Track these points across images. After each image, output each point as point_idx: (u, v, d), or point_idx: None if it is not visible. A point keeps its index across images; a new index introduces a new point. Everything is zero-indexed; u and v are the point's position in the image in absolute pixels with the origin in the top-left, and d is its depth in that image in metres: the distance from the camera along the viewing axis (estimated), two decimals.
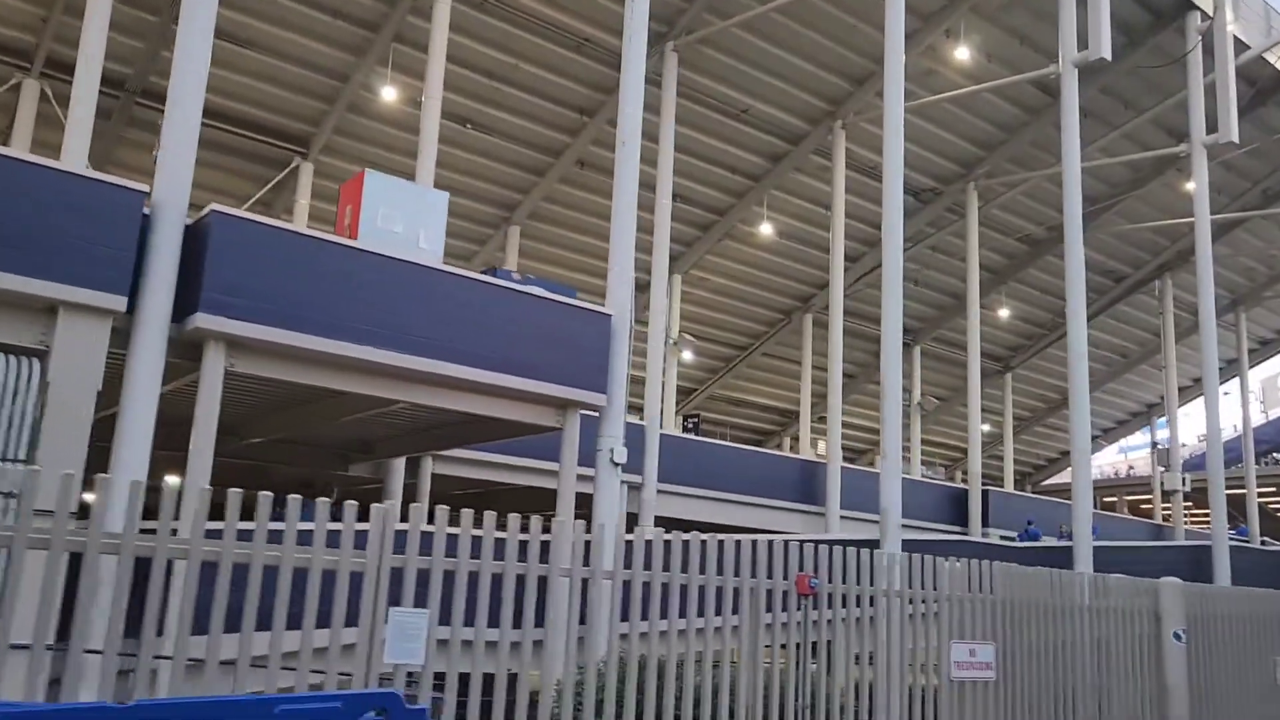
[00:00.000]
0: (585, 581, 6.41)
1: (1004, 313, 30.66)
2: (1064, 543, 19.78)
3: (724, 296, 28.28)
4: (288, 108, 20.23)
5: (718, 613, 6.90)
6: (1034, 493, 36.87)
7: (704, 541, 6.89)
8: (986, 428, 36.89)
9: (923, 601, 7.96)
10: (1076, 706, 8.94)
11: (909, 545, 12.74)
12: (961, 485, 25.87)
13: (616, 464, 11.57)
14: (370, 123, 20.57)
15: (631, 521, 17.29)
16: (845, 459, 32.68)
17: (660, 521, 16.90)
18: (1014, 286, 30.27)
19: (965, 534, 24.41)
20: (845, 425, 35.18)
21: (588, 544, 6.45)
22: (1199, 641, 10.41)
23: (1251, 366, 35.30)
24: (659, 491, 18.90)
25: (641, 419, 25.67)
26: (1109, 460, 52.02)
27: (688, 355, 28.45)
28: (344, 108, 20.17)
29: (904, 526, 22.57)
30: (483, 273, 12.04)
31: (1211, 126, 21.18)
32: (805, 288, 28.46)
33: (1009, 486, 33.48)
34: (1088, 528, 17.56)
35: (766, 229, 25.16)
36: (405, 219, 10.45)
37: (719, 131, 23.01)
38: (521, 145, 22.18)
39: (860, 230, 26.43)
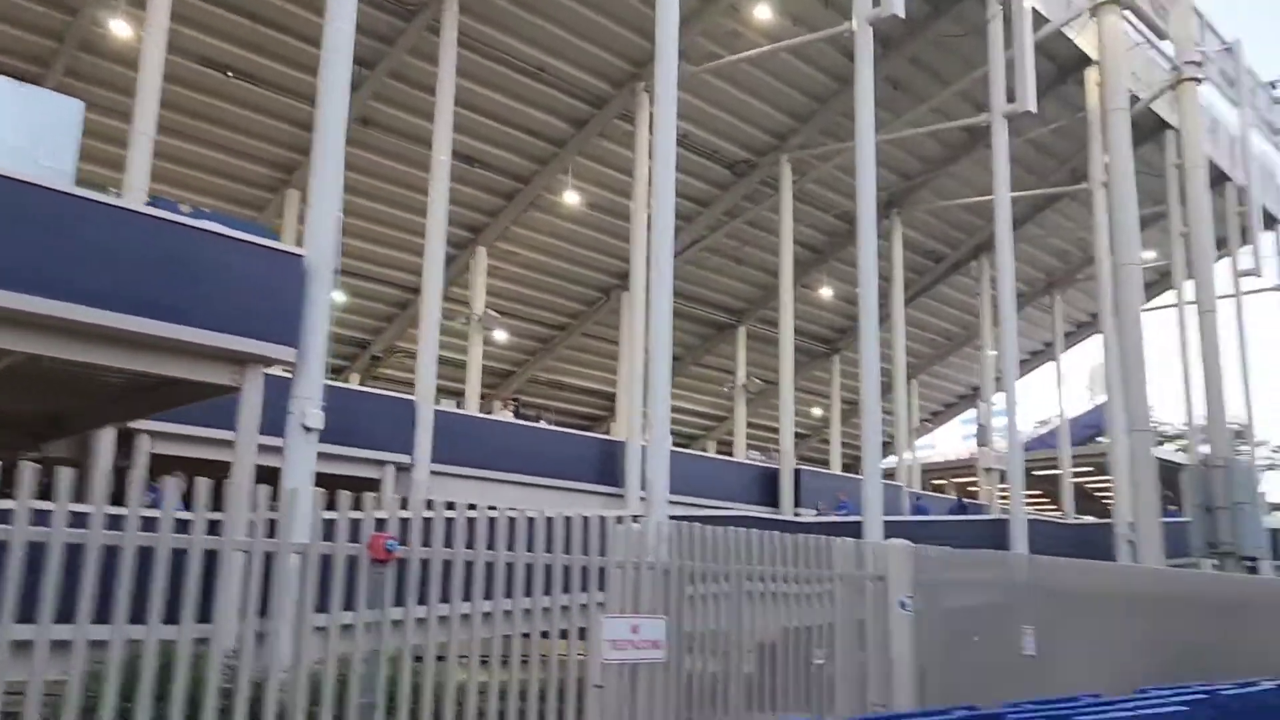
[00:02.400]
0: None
1: (826, 292, 30.28)
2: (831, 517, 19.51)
3: (536, 272, 26.93)
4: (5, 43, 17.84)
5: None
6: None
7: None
8: (818, 411, 36.75)
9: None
10: (786, 684, 7.95)
11: (708, 522, 11.72)
12: (774, 465, 25.20)
13: (310, 429, 10.02)
14: (102, 62, 18.30)
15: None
16: (676, 444, 32.01)
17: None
18: (836, 266, 29.87)
19: (776, 513, 23.75)
20: (676, 409, 34.55)
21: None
22: (940, 609, 9.65)
23: (1067, 349, 36.08)
24: (437, 474, 17.42)
25: (459, 404, 24.26)
26: (952, 443, 53.01)
27: (501, 335, 27.02)
28: (75, 45, 17.91)
29: (712, 506, 21.95)
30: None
31: (1013, 99, 21.02)
32: (621, 263, 27.31)
33: (836, 470, 33.26)
34: (876, 503, 16.92)
35: (574, 199, 23.93)
36: (19, 128, 8.65)
37: (517, 91, 21.64)
38: (297, 99, 20.25)
39: (678, 205, 25.48)
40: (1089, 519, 31.95)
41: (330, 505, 5.86)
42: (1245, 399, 29.93)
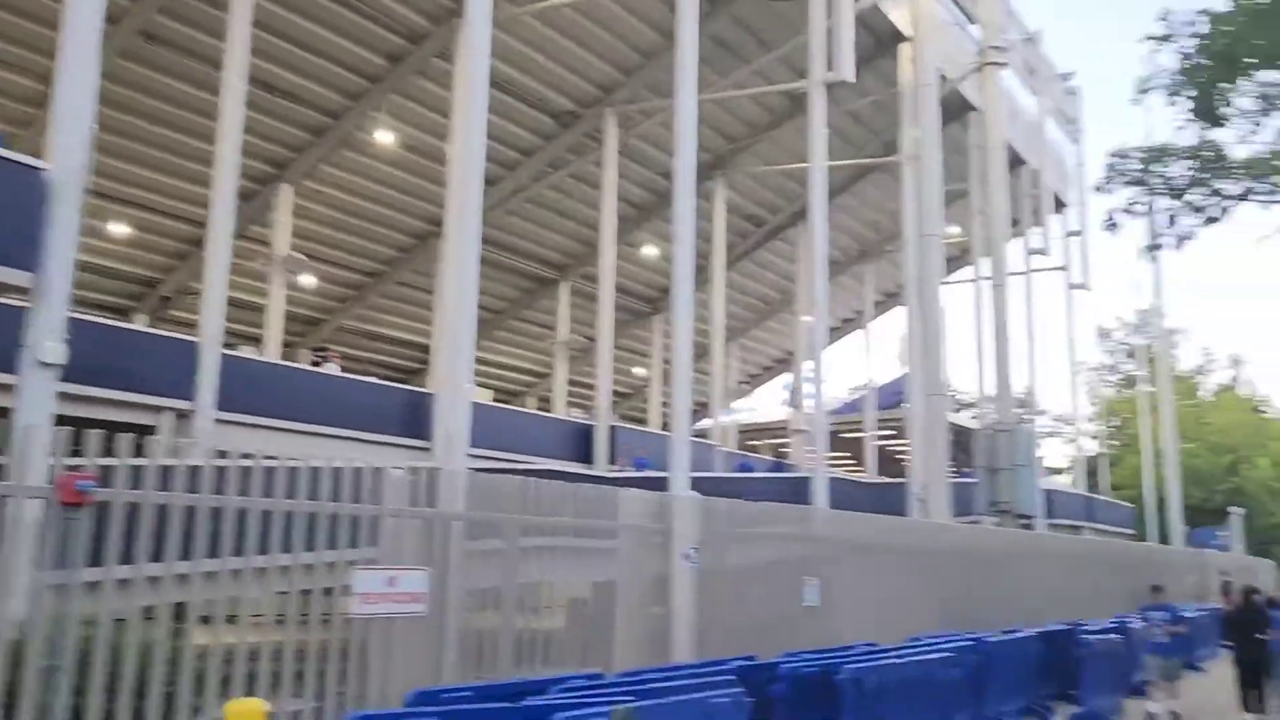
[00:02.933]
0: None
1: (651, 251, 30.29)
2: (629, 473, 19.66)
3: (347, 214, 25.63)
4: None
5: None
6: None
7: None
8: (641, 371, 36.94)
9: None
10: (550, 640, 7.74)
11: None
12: (589, 422, 25.11)
13: (48, 364, 8.98)
14: None
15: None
16: (498, 400, 31.42)
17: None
18: (661, 225, 29.83)
19: (590, 469, 23.66)
20: (496, 365, 33.95)
21: None
22: (728, 562, 9.69)
23: (877, 318, 37.60)
24: (225, 422, 16.27)
25: (258, 350, 22.79)
26: (772, 406, 54.54)
27: (309, 280, 25.61)
28: None
29: (524, 462, 21.59)
30: None
31: (832, 68, 21.36)
32: (437, 209, 26.32)
33: (656, 428, 33.56)
34: (682, 458, 16.95)
35: (388, 139, 22.82)
36: None
37: (327, 19, 20.31)
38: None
39: (497, 151, 24.72)
40: (888, 479, 33.48)
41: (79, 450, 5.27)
42: (1030, 370, 32.05)
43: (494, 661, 7.14)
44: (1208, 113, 9.39)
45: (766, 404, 52.58)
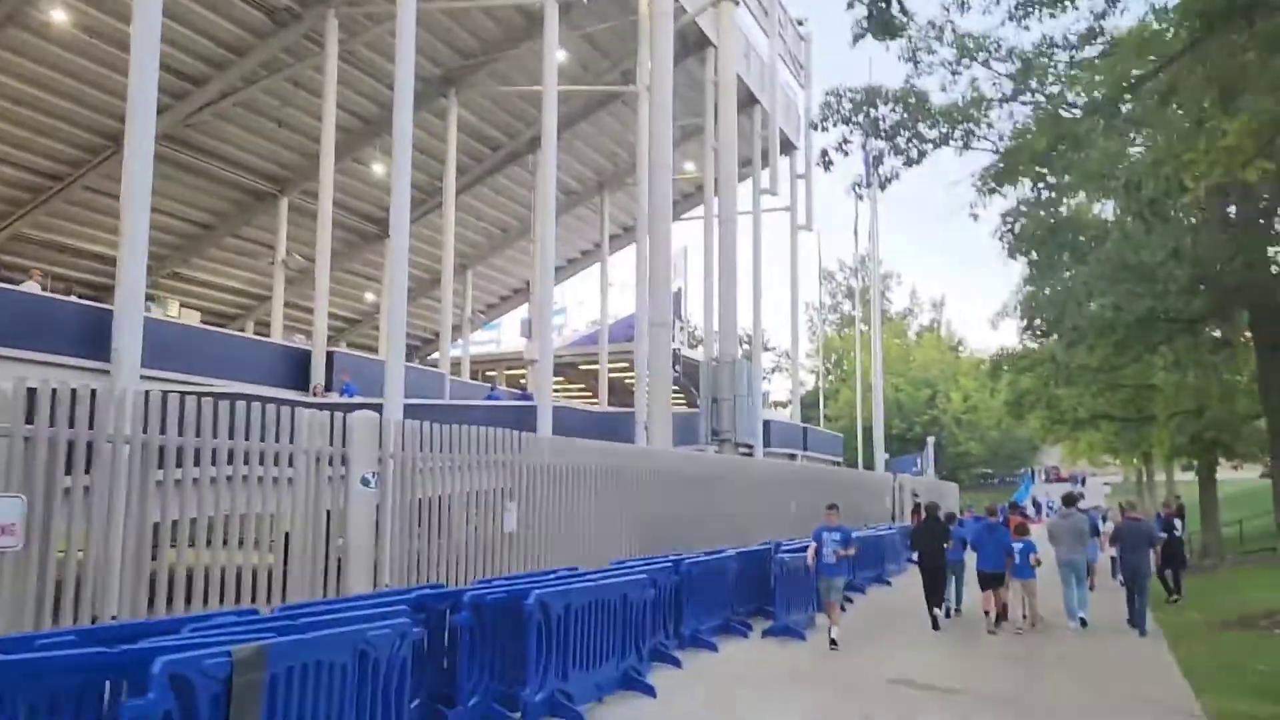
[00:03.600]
0: None
1: (380, 169, 28.67)
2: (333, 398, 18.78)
3: (21, 106, 22.31)
4: None
5: None
6: (422, 364, 36.28)
7: None
8: (371, 296, 35.28)
9: None
10: (211, 576, 6.95)
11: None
12: (306, 347, 23.57)
13: None
14: None
15: None
16: (210, 323, 28.84)
17: None
18: (391, 141, 28.29)
19: (305, 396, 22.21)
20: (209, 285, 31.21)
21: None
22: (418, 486, 9.15)
23: (614, 251, 37.85)
24: None
25: None
26: (513, 336, 53.92)
27: None
28: None
29: (234, 387, 19.88)
30: None
31: None
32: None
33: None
34: (396, 384, 16.14)
35: (62, 18, 19.92)
36: None
37: None
38: None
39: (202, 46, 22.30)
40: (620, 410, 34.08)
41: None
42: (755, 306, 33.40)
43: (125, 601, 6.28)
44: (885, 25, 9.71)
45: (508, 334, 52.27)
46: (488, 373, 41.74)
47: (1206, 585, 20.23)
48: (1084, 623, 14.31)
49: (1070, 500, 16.27)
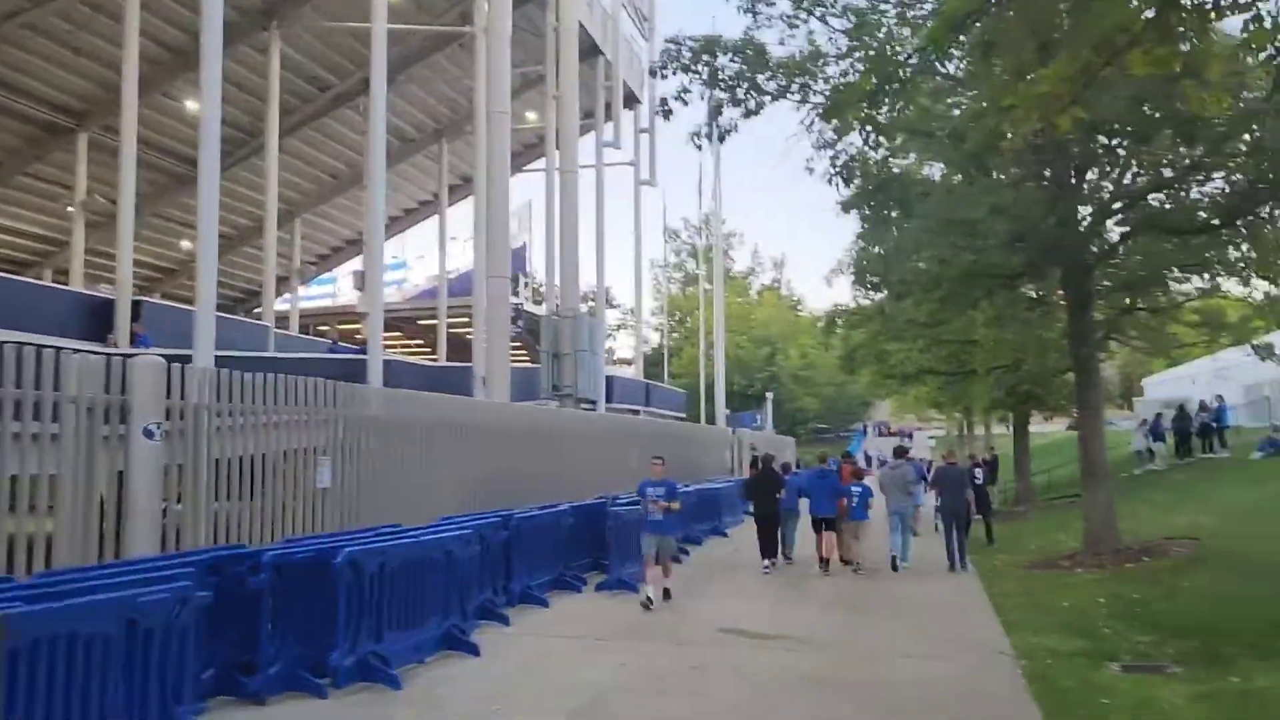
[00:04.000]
0: None
1: (195, 105, 26.56)
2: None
3: None
4: None
5: None
6: (246, 317, 34.27)
7: None
8: (188, 244, 32.97)
9: None
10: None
11: None
12: (109, 295, 21.72)
13: None
14: None
15: None
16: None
17: None
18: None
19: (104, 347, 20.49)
20: None
21: None
22: (217, 437, 8.39)
23: (454, 202, 36.68)
24: None
25: None
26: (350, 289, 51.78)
27: None
28: None
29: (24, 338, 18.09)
30: None
31: None
32: None
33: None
34: (207, 335, 14.99)
35: None
36: None
37: None
38: None
39: None
40: (458, 364, 33.22)
41: None
42: (599, 261, 33.08)
43: None
44: None
45: (345, 287, 50.25)
46: (319, 327, 39.97)
47: (1018, 530, 21.45)
48: (895, 565, 14.98)
49: (900, 452, 17.07)
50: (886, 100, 11.03)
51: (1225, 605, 10.37)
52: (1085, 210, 15.08)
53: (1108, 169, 15.62)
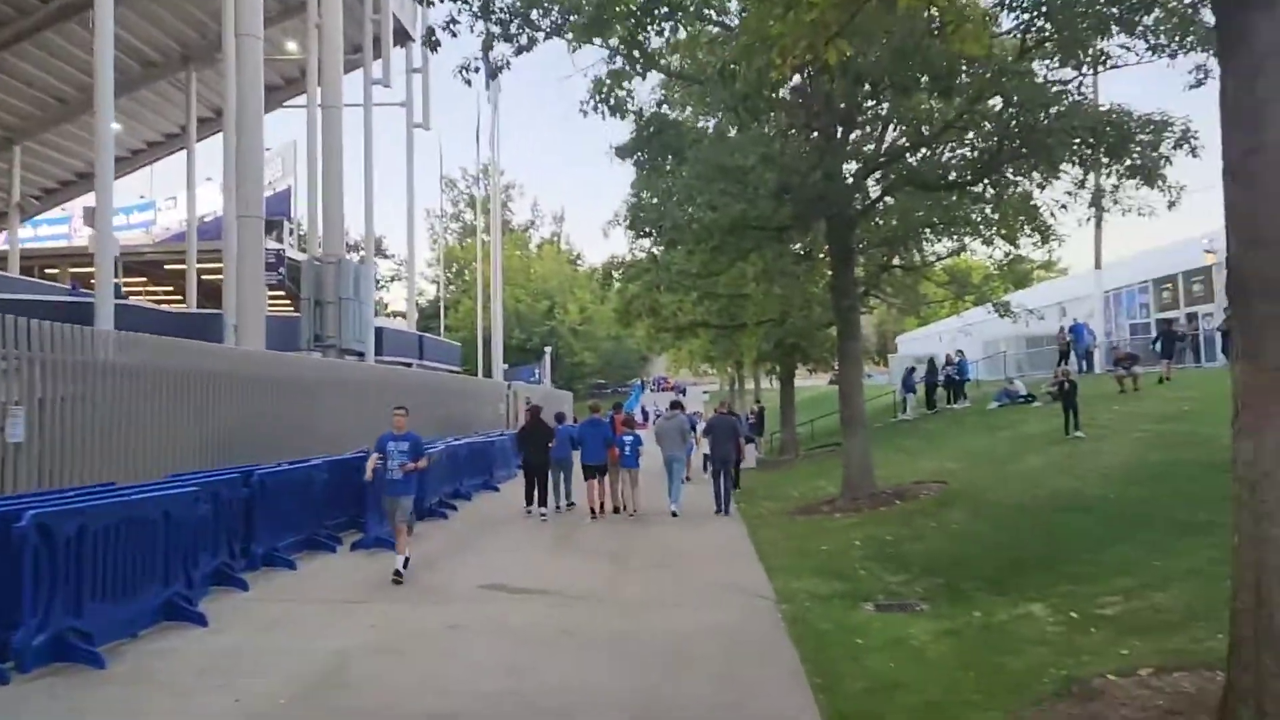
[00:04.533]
0: None
1: None
2: None
3: None
4: None
5: None
6: None
7: None
8: None
9: None
10: None
11: None
12: None
13: None
14: None
15: None
16: None
17: None
18: None
19: None
20: None
21: None
22: None
23: (205, 136, 33.68)
24: None
25: None
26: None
27: None
28: None
29: None
30: None
31: None
32: None
33: None
34: None
35: None
36: None
37: None
38: None
39: None
40: (208, 311, 30.74)
41: None
42: (367, 205, 31.37)
43: None
44: None
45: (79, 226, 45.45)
46: (48, 270, 35.92)
47: (783, 477, 22.21)
48: (675, 514, 15.11)
49: (675, 405, 17.49)
50: (652, 23, 10.69)
51: (967, 543, 10.92)
52: (851, 168, 15.46)
53: (869, 129, 16.09)
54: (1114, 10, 11.27)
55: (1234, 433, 4.77)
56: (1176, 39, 11.46)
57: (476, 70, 14.92)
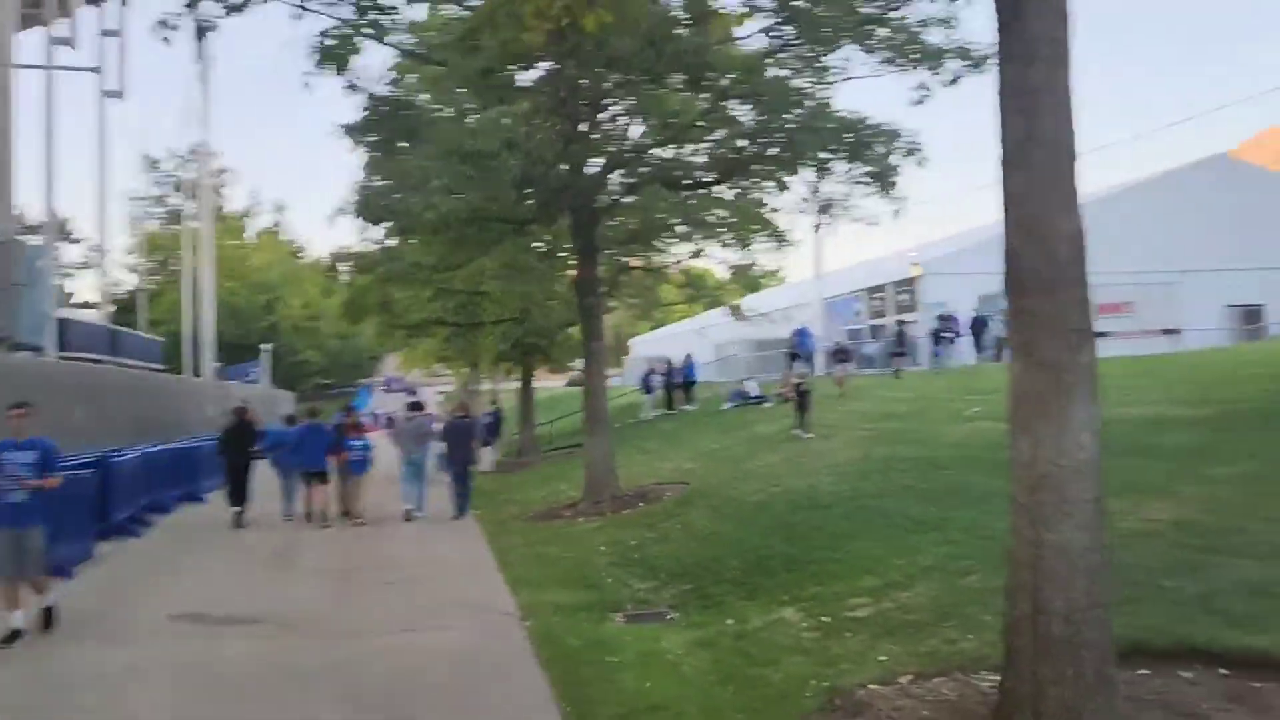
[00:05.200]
0: None
1: None
2: None
3: None
4: None
5: None
6: None
7: None
8: None
9: None
10: None
11: None
12: None
13: None
14: None
15: None
16: None
17: None
18: None
19: None
20: None
21: None
22: None
23: None
24: None
25: None
26: None
27: None
28: None
29: None
30: None
31: None
32: None
33: None
34: None
35: None
36: None
37: None
38: None
39: None
40: None
41: None
42: (48, 180, 27.50)
43: None
44: None
45: None
46: None
47: (523, 480, 21.50)
48: (409, 517, 14.62)
49: (415, 407, 17.51)
50: None
51: (712, 545, 10.66)
52: (598, 163, 15.02)
53: (618, 120, 15.73)
54: (849, 21, 11.51)
55: (1010, 431, 4.57)
56: (907, 55, 11.88)
57: (176, 29, 13.09)
